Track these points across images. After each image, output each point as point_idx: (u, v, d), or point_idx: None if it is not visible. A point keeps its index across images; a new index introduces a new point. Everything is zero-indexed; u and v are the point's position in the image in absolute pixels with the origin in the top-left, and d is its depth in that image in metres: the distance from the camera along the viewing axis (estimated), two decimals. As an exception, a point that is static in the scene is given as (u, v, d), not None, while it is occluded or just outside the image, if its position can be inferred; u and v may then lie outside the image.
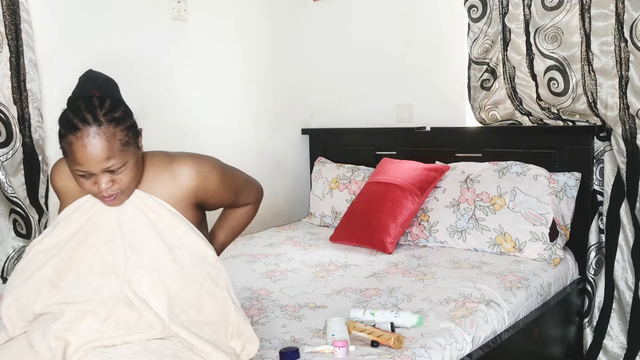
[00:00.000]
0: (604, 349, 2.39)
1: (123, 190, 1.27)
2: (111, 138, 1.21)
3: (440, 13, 2.82)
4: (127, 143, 1.24)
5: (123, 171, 1.25)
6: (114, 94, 1.29)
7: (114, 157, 1.21)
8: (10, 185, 1.99)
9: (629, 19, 2.15)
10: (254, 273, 2.19)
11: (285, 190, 3.24)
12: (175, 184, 1.35)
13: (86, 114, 1.19)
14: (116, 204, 1.29)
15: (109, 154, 1.21)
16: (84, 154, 1.19)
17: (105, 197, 1.26)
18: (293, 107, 3.28)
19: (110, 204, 1.29)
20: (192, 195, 1.36)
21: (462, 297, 1.84)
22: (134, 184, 1.30)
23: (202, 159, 1.40)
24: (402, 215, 2.43)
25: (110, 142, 1.20)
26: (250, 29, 2.98)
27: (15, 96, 2.00)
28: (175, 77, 2.62)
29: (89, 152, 1.19)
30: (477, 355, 1.66)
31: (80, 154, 1.20)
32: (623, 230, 2.31)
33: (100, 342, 1.18)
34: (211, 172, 1.39)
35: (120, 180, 1.25)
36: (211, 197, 1.41)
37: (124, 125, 1.24)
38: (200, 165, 1.37)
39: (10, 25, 1.97)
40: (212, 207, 1.47)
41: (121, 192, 1.27)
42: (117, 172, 1.24)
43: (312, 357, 1.43)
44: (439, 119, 2.85)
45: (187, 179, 1.34)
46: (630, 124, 2.22)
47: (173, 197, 1.34)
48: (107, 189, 1.24)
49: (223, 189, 1.43)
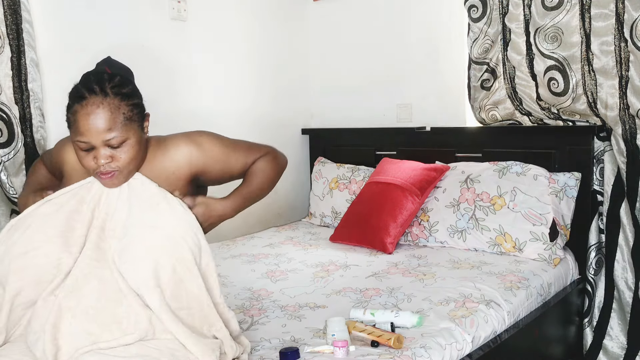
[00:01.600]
0: (604, 349, 2.39)
1: (121, 168, 1.27)
2: (115, 110, 1.23)
3: (440, 13, 2.82)
4: (130, 118, 1.26)
5: (123, 148, 1.25)
6: (126, 75, 1.33)
7: (115, 129, 1.23)
8: (11, 185, 1.99)
9: (629, 19, 2.15)
10: (254, 273, 2.19)
11: (285, 190, 3.24)
12: (167, 157, 1.36)
13: (94, 85, 1.24)
14: (113, 183, 1.28)
15: (111, 125, 1.22)
16: (87, 122, 1.22)
17: (102, 174, 1.26)
18: (293, 107, 3.28)
19: (107, 182, 1.28)
20: (185, 165, 1.36)
21: (462, 297, 1.85)
22: (133, 165, 1.29)
23: (192, 132, 1.42)
24: (402, 215, 2.43)
25: (114, 114, 1.23)
26: (250, 29, 2.98)
27: (16, 96, 2.00)
28: (175, 77, 2.62)
29: (92, 120, 1.21)
30: (477, 355, 1.66)
31: (83, 122, 1.22)
32: (623, 230, 2.31)
33: (96, 346, 1.17)
34: (201, 135, 1.40)
35: (120, 158, 1.26)
36: (209, 161, 1.38)
37: (130, 101, 1.27)
38: (190, 135, 1.40)
39: (12, 25, 1.97)
40: (214, 177, 1.43)
41: (119, 170, 1.27)
42: (117, 148, 1.25)
43: (312, 357, 1.43)
44: (439, 119, 2.85)
45: (178, 149, 1.37)
46: (630, 124, 2.22)
47: (165, 170, 1.34)
48: (106, 164, 1.24)
49: (220, 148, 1.41)
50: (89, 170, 1.28)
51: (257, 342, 1.54)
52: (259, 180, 1.47)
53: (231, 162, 1.43)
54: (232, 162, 1.43)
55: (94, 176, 1.29)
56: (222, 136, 1.46)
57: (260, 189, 1.48)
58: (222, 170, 1.43)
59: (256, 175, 1.46)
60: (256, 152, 1.49)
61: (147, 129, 1.35)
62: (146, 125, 1.34)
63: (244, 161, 1.46)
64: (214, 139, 1.42)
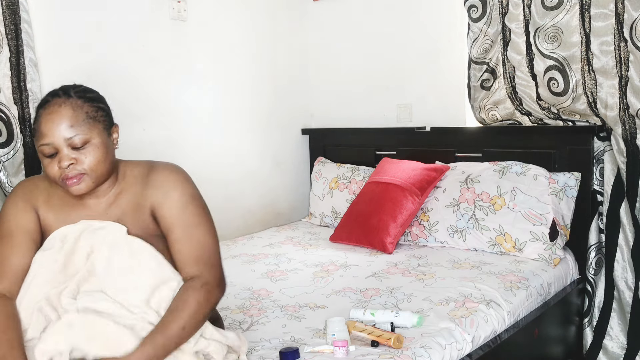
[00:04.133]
0: (604, 349, 2.39)
1: (87, 171, 1.23)
2: (77, 108, 1.23)
3: (440, 13, 2.82)
4: (94, 118, 1.24)
5: (87, 149, 1.23)
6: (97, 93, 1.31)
7: (77, 126, 1.21)
8: (11, 185, 1.99)
9: (629, 18, 2.15)
10: (254, 273, 2.19)
11: (285, 190, 3.24)
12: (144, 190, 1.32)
13: (58, 91, 1.25)
14: (81, 188, 1.24)
15: (72, 122, 1.21)
16: (48, 121, 1.21)
17: (67, 179, 1.22)
18: (293, 107, 3.28)
19: (74, 188, 1.24)
20: (148, 198, 1.30)
21: (462, 297, 1.84)
22: (100, 168, 1.25)
23: (178, 171, 1.34)
24: (402, 215, 2.43)
25: (76, 111, 1.22)
26: (250, 29, 2.98)
27: (15, 96, 2.00)
28: (175, 77, 2.61)
29: (53, 119, 1.21)
30: (477, 355, 1.66)
31: (45, 123, 1.21)
32: (623, 230, 2.31)
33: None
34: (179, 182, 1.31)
35: (84, 160, 1.23)
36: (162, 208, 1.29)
37: (95, 104, 1.26)
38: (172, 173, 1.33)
39: (10, 25, 1.97)
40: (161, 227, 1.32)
41: (86, 173, 1.23)
42: (80, 150, 1.22)
43: (312, 357, 1.43)
44: (439, 119, 2.85)
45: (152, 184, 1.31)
46: (630, 124, 2.22)
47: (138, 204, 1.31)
48: (70, 167, 1.22)
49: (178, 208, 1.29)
50: (54, 178, 1.24)
51: (257, 342, 1.54)
52: (183, 321, 1.19)
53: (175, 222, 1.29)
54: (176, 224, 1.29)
55: (60, 184, 1.25)
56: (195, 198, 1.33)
57: (179, 336, 1.20)
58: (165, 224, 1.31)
59: (179, 314, 1.20)
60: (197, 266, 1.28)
61: (117, 141, 1.32)
62: (115, 137, 1.31)
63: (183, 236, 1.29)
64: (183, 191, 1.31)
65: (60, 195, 1.33)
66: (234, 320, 1.71)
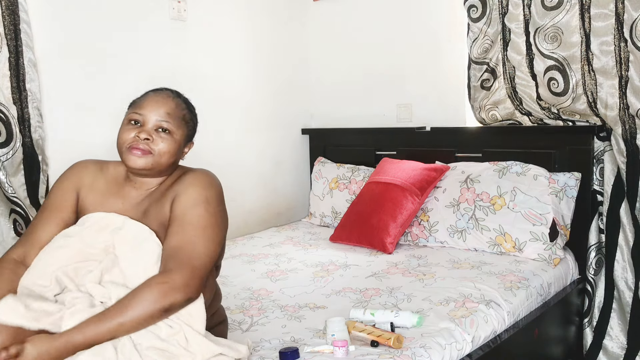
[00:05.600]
0: (604, 349, 2.39)
1: (154, 152, 1.33)
2: (180, 106, 1.39)
3: (440, 13, 2.82)
4: (186, 122, 1.39)
5: (167, 137, 1.34)
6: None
7: (172, 117, 1.35)
8: (10, 185, 1.99)
9: (629, 18, 2.15)
10: (254, 273, 2.19)
11: (285, 190, 3.24)
12: (174, 185, 1.38)
13: (172, 89, 1.43)
14: (140, 162, 1.33)
15: (170, 112, 1.35)
16: (153, 101, 1.36)
17: (136, 148, 1.31)
18: (293, 107, 3.28)
19: (134, 157, 1.32)
20: (173, 191, 1.35)
21: (462, 297, 1.84)
22: (165, 158, 1.35)
23: (210, 175, 1.40)
24: (402, 215, 2.43)
25: (178, 108, 1.38)
26: (250, 29, 2.98)
27: (14, 96, 2.00)
28: (175, 77, 2.61)
29: (158, 101, 1.36)
30: (477, 355, 1.66)
31: (149, 100, 1.36)
32: (623, 230, 2.31)
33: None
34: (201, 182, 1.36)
35: (159, 143, 1.33)
36: (177, 201, 1.32)
37: (192, 114, 1.44)
38: (203, 174, 1.40)
39: (10, 25, 1.97)
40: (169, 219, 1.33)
41: (152, 153, 1.33)
42: (161, 134, 1.34)
43: (312, 357, 1.43)
44: (439, 119, 2.85)
45: (181, 180, 1.38)
46: (630, 124, 2.22)
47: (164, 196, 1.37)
48: (147, 138, 1.32)
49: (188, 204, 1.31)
50: (123, 142, 1.33)
51: (257, 342, 1.54)
52: (123, 318, 1.15)
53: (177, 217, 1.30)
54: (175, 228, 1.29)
55: (124, 151, 1.33)
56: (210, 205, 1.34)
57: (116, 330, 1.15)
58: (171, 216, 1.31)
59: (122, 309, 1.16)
60: (170, 263, 1.23)
61: (185, 154, 1.45)
62: (186, 151, 1.45)
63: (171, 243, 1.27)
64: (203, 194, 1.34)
65: (106, 181, 1.43)
66: (234, 321, 1.71)
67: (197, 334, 1.22)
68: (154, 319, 1.17)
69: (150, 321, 1.17)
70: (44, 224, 1.38)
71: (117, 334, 1.15)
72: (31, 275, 1.27)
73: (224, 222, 1.37)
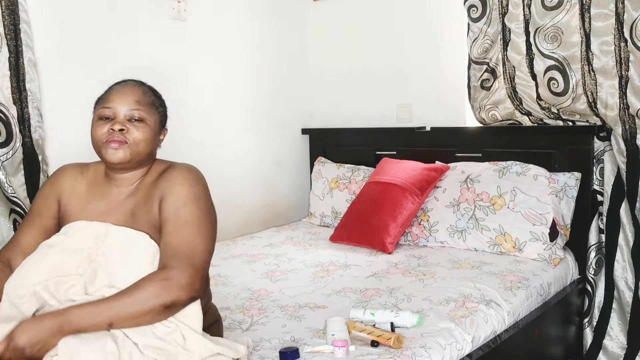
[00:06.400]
0: (604, 349, 2.39)
1: (130, 143, 1.32)
2: (146, 93, 1.39)
3: (440, 13, 2.82)
4: (156, 107, 1.39)
5: (140, 125, 1.34)
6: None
7: (141, 104, 1.35)
8: (10, 185, 1.99)
9: (629, 18, 2.15)
10: (254, 273, 2.19)
11: (285, 190, 3.24)
12: (158, 182, 1.37)
13: (134, 79, 1.42)
14: (117, 155, 1.32)
15: (139, 99, 1.35)
16: (119, 92, 1.35)
17: (112, 142, 1.31)
18: (293, 107, 3.28)
19: (112, 151, 1.31)
20: (158, 190, 1.34)
21: (462, 297, 1.84)
22: (142, 146, 1.34)
23: (194, 171, 1.38)
24: (402, 215, 2.43)
25: (145, 94, 1.38)
26: (250, 29, 2.98)
27: (14, 96, 1.99)
28: (175, 77, 2.61)
29: (124, 92, 1.35)
30: (477, 355, 1.66)
31: (115, 92, 1.35)
32: (623, 230, 2.31)
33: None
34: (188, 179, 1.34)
35: (133, 132, 1.33)
36: (165, 200, 1.31)
37: (160, 99, 1.43)
38: (188, 170, 1.37)
39: (10, 25, 1.97)
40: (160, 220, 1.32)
41: (127, 144, 1.32)
42: (134, 123, 1.33)
43: (312, 357, 1.43)
44: (439, 119, 2.85)
45: (165, 177, 1.36)
46: (630, 124, 2.22)
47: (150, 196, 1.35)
48: (122, 129, 1.31)
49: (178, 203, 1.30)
50: (99, 139, 1.32)
51: (257, 342, 1.54)
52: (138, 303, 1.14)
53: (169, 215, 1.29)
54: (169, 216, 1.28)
55: (101, 147, 1.33)
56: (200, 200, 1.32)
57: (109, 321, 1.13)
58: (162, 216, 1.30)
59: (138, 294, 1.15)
60: (172, 260, 1.22)
61: (161, 142, 1.44)
62: (161, 138, 1.44)
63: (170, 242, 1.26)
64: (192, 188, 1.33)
65: (87, 183, 1.42)
66: (234, 321, 1.71)
67: (194, 333, 1.22)
68: (153, 314, 1.16)
69: (148, 316, 1.16)
70: (26, 230, 1.39)
71: (113, 320, 1.14)
72: (13, 281, 1.26)
73: (214, 217, 1.37)
